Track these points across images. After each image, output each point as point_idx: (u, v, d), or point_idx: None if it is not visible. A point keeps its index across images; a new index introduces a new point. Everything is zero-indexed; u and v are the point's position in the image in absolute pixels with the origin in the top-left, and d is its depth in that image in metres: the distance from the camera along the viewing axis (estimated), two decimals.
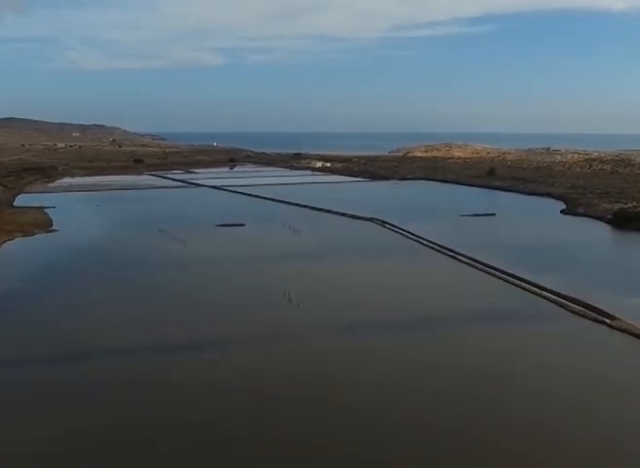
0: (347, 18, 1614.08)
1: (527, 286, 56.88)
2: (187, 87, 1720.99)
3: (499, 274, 61.52)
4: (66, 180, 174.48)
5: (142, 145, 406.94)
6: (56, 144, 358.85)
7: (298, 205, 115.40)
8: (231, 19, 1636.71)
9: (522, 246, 76.00)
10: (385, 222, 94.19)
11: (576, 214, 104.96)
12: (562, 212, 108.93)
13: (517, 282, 58.45)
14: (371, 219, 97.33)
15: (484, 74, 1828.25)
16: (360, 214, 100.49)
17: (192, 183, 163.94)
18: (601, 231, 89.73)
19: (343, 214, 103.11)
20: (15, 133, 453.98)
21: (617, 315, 47.17)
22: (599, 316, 47.90)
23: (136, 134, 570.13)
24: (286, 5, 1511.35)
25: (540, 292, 54.89)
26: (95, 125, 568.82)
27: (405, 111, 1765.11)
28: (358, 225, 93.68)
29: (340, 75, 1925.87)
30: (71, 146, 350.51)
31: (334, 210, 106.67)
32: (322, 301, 51.65)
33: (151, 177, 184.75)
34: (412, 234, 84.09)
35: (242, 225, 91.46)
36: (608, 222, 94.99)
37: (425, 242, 78.95)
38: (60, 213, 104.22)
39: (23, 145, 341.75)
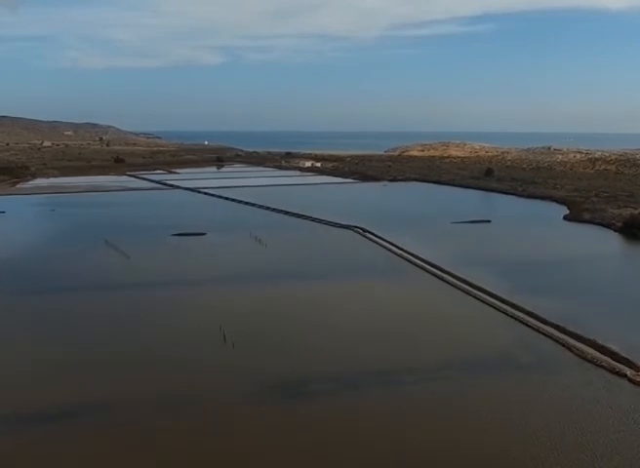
0: (348, 16, 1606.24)
1: (525, 317, 46.02)
2: (186, 85, 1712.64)
3: (491, 300, 50.71)
4: (36, 181, 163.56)
5: (133, 144, 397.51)
6: (42, 143, 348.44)
7: (273, 209, 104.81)
8: (231, 18, 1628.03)
9: (519, 262, 65.01)
10: (367, 231, 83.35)
11: (580, 221, 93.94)
12: (565, 218, 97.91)
13: (513, 311, 47.59)
14: (351, 227, 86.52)
15: (483, 73, 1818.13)
16: (340, 221, 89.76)
17: (169, 185, 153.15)
18: (611, 242, 78.65)
19: (321, 221, 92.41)
20: (4, 131, 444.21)
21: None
22: (617, 364, 37.14)
23: (130, 132, 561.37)
24: (286, 4, 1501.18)
25: (541, 326, 44.03)
26: (87, 123, 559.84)
27: (404, 110, 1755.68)
28: (335, 235, 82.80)
29: (341, 74, 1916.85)
30: (57, 145, 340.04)
31: (312, 216, 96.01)
32: (263, 341, 40.68)
33: (128, 178, 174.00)
34: (395, 246, 73.28)
35: (202, 234, 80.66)
36: (617, 231, 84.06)
37: (409, 256, 68.12)
38: (7, 219, 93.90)
39: (8, 144, 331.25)
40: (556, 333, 42.30)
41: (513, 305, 48.64)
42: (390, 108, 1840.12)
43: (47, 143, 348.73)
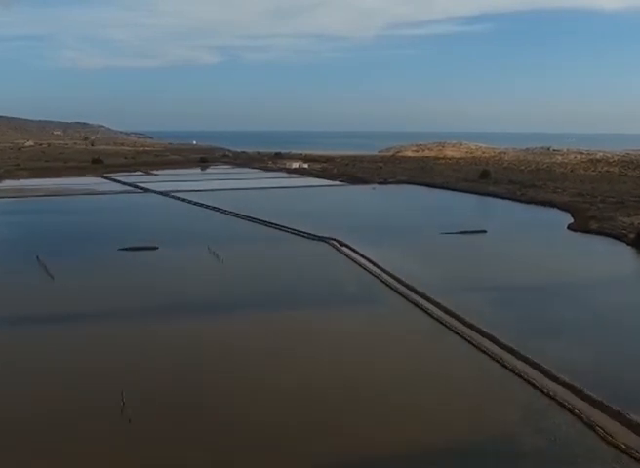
0: (345, 16, 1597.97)
1: (530, 372, 35.16)
2: (184, 85, 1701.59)
3: (486, 345, 39.88)
4: (2, 184, 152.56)
5: (120, 144, 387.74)
6: (24, 143, 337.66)
7: (244, 217, 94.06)
8: (230, 18, 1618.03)
9: (520, 286, 54.20)
10: (344, 244, 72.56)
11: (587, 231, 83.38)
12: (569, 227, 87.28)
13: (514, 362, 36.78)
14: (327, 240, 75.75)
15: (482, 73, 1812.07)
16: (316, 232, 78.99)
17: (141, 188, 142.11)
18: (626, 259, 67.89)
19: (293, 232, 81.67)
20: None
21: None
22: None
23: (121, 132, 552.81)
24: (285, 4, 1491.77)
25: (552, 387, 33.17)
26: (77, 123, 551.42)
27: (403, 110, 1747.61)
28: (307, 249, 72.01)
29: (339, 74, 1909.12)
30: (40, 145, 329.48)
31: (286, 225, 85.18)
32: (176, 414, 29.71)
33: (102, 180, 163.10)
34: (373, 263, 62.61)
35: (154, 249, 69.66)
36: (630, 244, 73.51)
37: (387, 277, 57.42)
38: None
39: None
40: (572, 400, 31.49)
41: (514, 352, 37.93)
42: (389, 108, 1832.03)
43: (29, 143, 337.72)
